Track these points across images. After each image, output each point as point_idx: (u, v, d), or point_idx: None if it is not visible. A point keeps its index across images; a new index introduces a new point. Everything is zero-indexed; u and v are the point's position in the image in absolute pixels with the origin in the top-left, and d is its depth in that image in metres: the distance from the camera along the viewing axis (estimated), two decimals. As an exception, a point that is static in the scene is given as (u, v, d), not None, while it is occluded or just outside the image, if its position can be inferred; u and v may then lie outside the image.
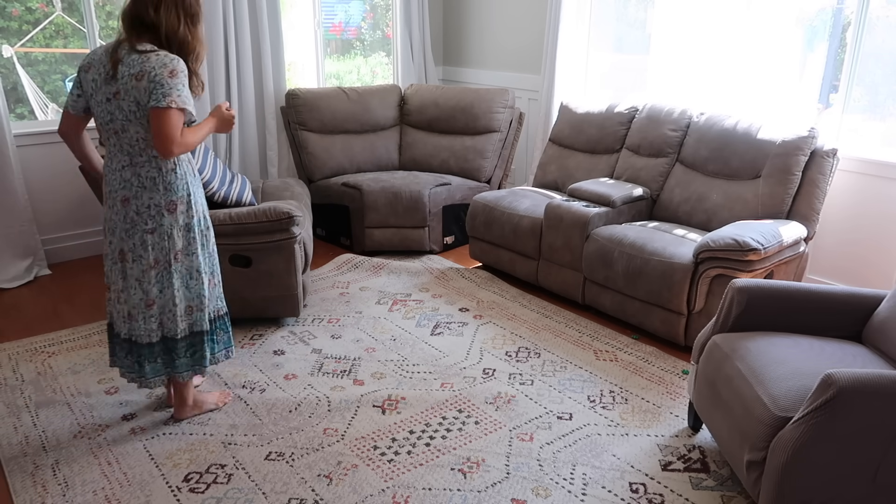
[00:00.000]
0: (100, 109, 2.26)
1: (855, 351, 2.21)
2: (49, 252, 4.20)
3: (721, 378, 2.22)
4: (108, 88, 2.23)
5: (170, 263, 2.37)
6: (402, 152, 4.95)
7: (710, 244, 2.98)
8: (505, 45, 5.30)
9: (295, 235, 3.20)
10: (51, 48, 4.39)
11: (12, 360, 3.10)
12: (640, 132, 3.96)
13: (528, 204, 3.94)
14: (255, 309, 3.32)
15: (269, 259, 3.20)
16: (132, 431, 2.58)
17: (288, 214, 3.14)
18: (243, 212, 3.15)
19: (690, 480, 2.33)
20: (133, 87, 2.18)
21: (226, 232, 3.12)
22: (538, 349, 3.23)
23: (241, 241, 3.16)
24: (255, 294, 3.27)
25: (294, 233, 3.20)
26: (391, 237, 4.39)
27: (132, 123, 2.23)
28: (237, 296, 3.24)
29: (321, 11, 5.12)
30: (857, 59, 3.43)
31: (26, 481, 2.30)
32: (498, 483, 2.31)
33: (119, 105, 2.22)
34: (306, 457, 2.43)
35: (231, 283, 3.17)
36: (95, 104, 2.27)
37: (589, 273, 3.50)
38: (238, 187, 3.54)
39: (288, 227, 3.17)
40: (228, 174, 3.57)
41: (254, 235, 3.16)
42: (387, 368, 3.05)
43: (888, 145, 3.51)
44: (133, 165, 2.29)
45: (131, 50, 2.21)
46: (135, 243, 2.33)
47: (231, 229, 3.13)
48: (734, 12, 3.85)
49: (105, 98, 2.24)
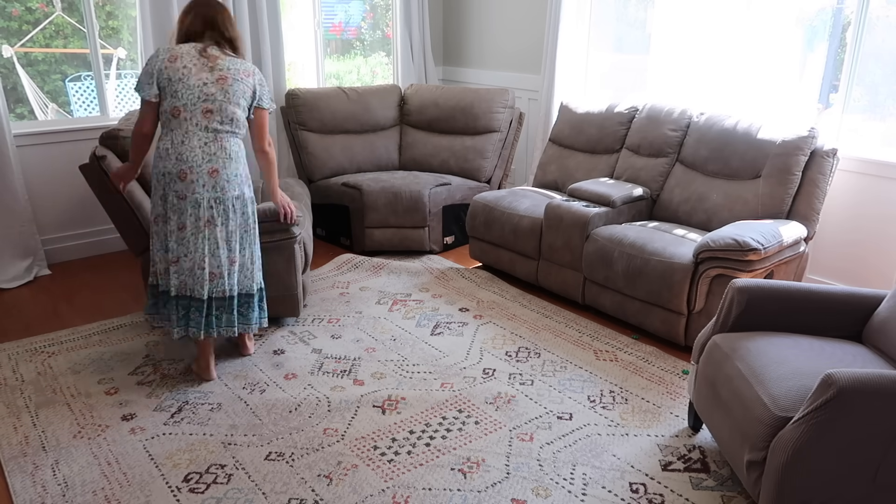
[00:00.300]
0: (188, 92, 2.62)
1: (855, 351, 2.20)
2: (49, 252, 4.20)
3: (721, 378, 2.22)
4: (205, 76, 2.63)
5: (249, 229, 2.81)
6: (402, 152, 4.95)
7: (710, 244, 2.98)
8: (505, 45, 5.30)
9: (295, 235, 3.19)
10: (51, 48, 4.39)
11: (12, 360, 3.10)
12: (640, 132, 3.96)
13: (528, 204, 3.94)
14: None
15: (270, 259, 3.18)
16: (132, 431, 2.58)
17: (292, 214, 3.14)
18: None
19: (690, 480, 2.33)
20: (241, 79, 2.68)
21: None
22: (538, 349, 3.23)
23: None
24: None
25: (294, 233, 3.19)
26: (391, 237, 4.39)
27: (230, 104, 2.66)
28: None
29: (321, 11, 5.12)
30: (857, 59, 3.43)
31: (26, 481, 2.30)
32: (498, 483, 2.31)
33: (223, 89, 2.65)
34: (306, 457, 2.43)
35: None
36: (183, 87, 2.61)
37: (589, 273, 3.50)
38: None
39: (288, 227, 3.17)
40: None
41: None
42: (387, 368, 3.05)
43: (888, 145, 3.51)
44: (218, 140, 2.67)
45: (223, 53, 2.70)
46: (224, 209, 2.70)
47: None
48: (734, 12, 3.85)
49: (202, 82, 2.63)
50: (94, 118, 4.33)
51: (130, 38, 4.51)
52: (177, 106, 2.62)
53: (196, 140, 2.63)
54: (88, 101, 4.67)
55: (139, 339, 3.29)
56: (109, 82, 4.52)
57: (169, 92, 2.62)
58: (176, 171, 2.62)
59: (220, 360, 3.10)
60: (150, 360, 3.10)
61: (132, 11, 4.30)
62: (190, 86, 2.61)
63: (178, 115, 2.62)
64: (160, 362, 3.08)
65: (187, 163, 2.62)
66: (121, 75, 4.66)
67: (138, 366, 3.05)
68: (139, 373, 2.99)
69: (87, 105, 4.67)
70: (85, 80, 4.64)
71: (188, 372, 2.99)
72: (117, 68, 4.61)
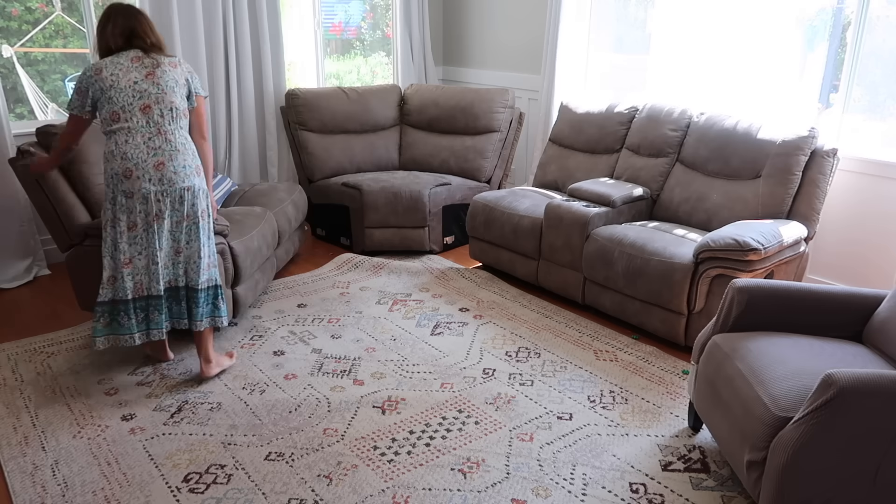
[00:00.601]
0: (121, 95, 2.65)
1: (855, 351, 2.20)
2: (49, 252, 4.20)
3: (721, 378, 2.22)
4: (134, 75, 2.66)
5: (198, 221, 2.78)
6: (402, 152, 4.95)
7: (711, 244, 2.98)
8: (505, 45, 5.30)
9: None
10: (50, 48, 4.39)
11: (12, 360, 3.09)
12: (640, 132, 3.96)
13: (528, 204, 3.94)
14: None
15: None
16: (132, 431, 2.58)
17: None
18: None
19: (691, 480, 2.33)
20: (169, 70, 2.72)
21: None
22: (538, 349, 3.22)
23: None
24: None
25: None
26: (391, 237, 4.39)
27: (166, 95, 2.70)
28: None
29: (321, 11, 5.12)
30: (857, 58, 3.43)
31: (26, 481, 2.30)
32: (498, 483, 2.30)
33: (154, 82, 2.68)
34: (306, 457, 2.43)
35: None
36: (116, 92, 2.64)
37: (589, 273, 3.50)
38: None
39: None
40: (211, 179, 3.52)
41: None
42: (387, 368, 3.05)
43: (888, 145, 3.51)
44: (161, 134, 2.69)
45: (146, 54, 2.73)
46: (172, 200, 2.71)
47: None
48: (734, 12, 3.85)
49: (132, 82, 2.66)
50: (94, 118, 4.33)
51: (130, 38, 4.51)
52: (114, 110, 2.65)
53: (139, 137, 2.66)
54: (88, 101, 4.66)
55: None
56: (109, 82, 4.51)
57: (104, 100, 2.65)
58: (122, 170, 2.64)
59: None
60: (149, 360, 3.09)
61: (132, 11, 4.29)
62: (122, 88, 2.64)
63: (118, 119, 2.65)
64: (160, 362, 3.08)
65: (132, 160, 2.64)
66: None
67: (138, 366, 3.05)
68: (139, 373, 2.99)
69: (86, 105, 4.66)
70: (85, 80, 4.63)
71: (185, 377, 3.00)
72: (117, 68, 4.61)
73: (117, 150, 2.65)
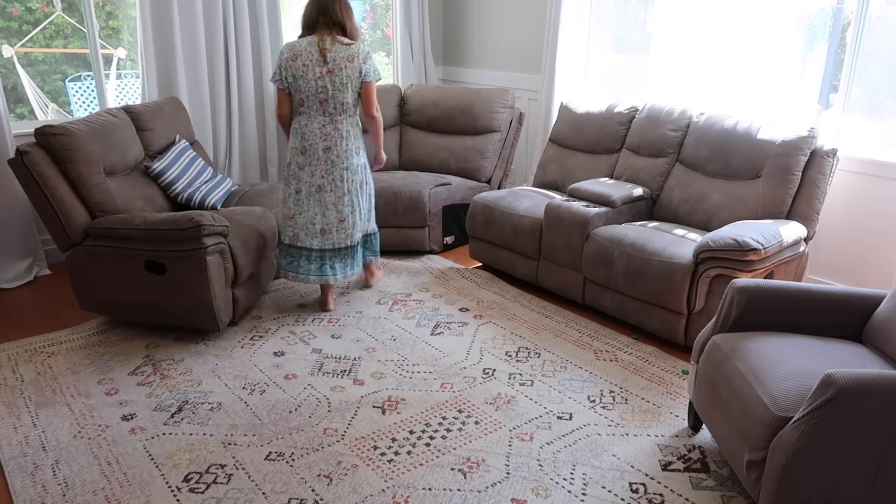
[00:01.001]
0: (307, 87, 3.25)
1: (855, 351, 2.20)
2: (49, 252, 4.20)
3: (721, 378, 2.22)
4: (318, 70, 3.23)
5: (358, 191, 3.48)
6: (402, 152, 4.95)
7: (710, 244, 2.98)
8: (505, 45, 5.30)
9: (204, 246, 3.02)
10: (51, 48, 4.40)
11: (12, 360, 3.10)
12: (640, 132, 3.96)
13: (528, 204, 3.94)
14: (175, 317, 3.21)
15: (182, 268, 3.07)
16: (132, 431, 2.58)
17: (196, 223, 2.98)
18: (156, 218, 3.08)
19: (690, 480, 2.33)
20: (346, 66, 3.25)
21: (137, 237, 3.07)
22: (538, 349, 3.23)
23: (152, 246, 3.06)
24: (171, 300, 3.15)
25: (204, 243, 3.02)
26: (391, 237, 4.39)
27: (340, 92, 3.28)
28: (154, 301, 3.17)
29: (321, 11, 5.11)
30: (857, 59, 3.43)
31: (26, 481, 2.30)
32: (498, 483, 2.31)
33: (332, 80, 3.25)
34: (306, 457, 2.43)
35: (147, 289, 3.14)
36: (304, 83, 3.24)
37: (589, 273, 3.50)
38: (207, 189, 3.48)
39: (197, 237, 3.01)
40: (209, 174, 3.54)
41: (164, 242, 3.05)
42: (387, 368, 3.05)
43: (888, 145, 3.51)
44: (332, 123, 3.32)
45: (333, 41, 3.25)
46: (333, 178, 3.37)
47: (142, 234, 3.06)
48: (734, 12, 3.85)
49: (317, 76, 3.23)
50: (94, 118, 4.33)
51: (130, 38, 4.52)
52: (301, 98, 3.29)
53: (316, 123, 3.31)
54: (88, 101, 4.67)
55: (139, 340, 3.29)
56: (109, 82, 4.52)
57: (294, 87, 3.28)
58: (300, 147, 3.32)
59: (219, 360, 3.10)
60: (149, 360, 3.10)
61: (132, 11, 4.30)
62: (308, 80, 3.24)
63: (303, 105, 3.30)
64: (160, 362, 3.08)
65: (308, 140, 3.31)
66: (121, 75, 4.67)
67: (138, 366, 3.05)
68: (139, 373, 2.99)
69: (87, 105, 4.67)
70: (85, 80, 4.64)
71: None
72: (117, 68, 4.62)
73: (299, 129, 3.32)
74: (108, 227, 3.12)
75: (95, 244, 3.15)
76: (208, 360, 3.11)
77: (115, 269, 3.15)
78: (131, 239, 3.08)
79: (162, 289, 3.13)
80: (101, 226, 3.13)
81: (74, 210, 3.14)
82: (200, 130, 4.52)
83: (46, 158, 3.11)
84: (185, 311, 3.18)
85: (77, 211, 3.15)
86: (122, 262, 3.13)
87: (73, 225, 3.13)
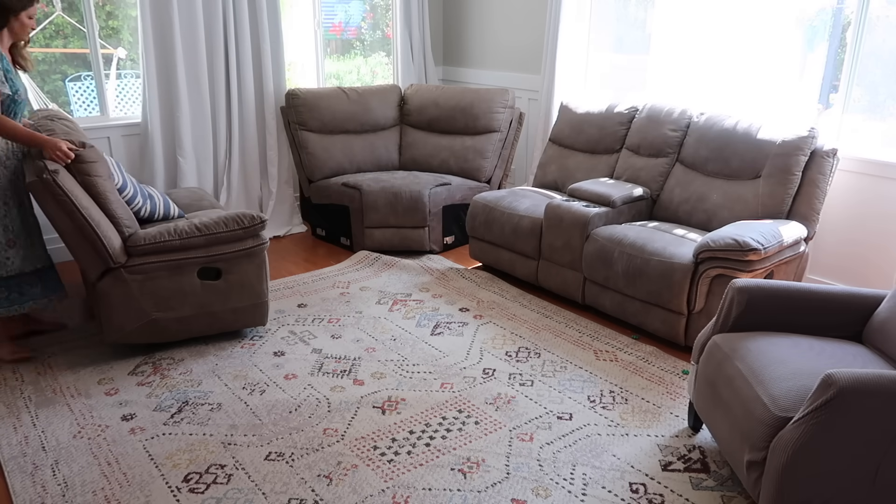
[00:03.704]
0: None
1: (855, 351, 2.20)
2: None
3: (721, 378, 2.22)
4: None
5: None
6: (402, 152, 4.95)
7: (711, 244, 2.98)
8: (505, 45, 5.30)
9: (265, 241, 3.13)
10: (51, 48, 4.39)
11: (12, 360, 3.10)
12: (640, 132, 3.96)
13: (528, 204, 3.94)
14: (224, 323, 3.17)
15: (240, 268, 3.08)
16: (132, 431, 2.58)
17: (260, 219, 3.07)
18: (210, 221, 3.03)
19: (690, 480, 2.33)
20: None
21: (195, 244, 2.99)
22: (538, 349, 3.23)
23: (211, 251, 3.02)
24: (226, 306, 3.12)
25: (264, 238, 3.12)
26: (391, 237, 4.39)
27: None
28: (206, 311, 3.09)
29: (321, 11, 5.12)
30: (857, 59, 3.43)
31: (26, 481, 2.30)
32: (498, 483, 2.31)
33: None
34: (306, 457, 2.43)
35: (201, 299, 3.06)
36: None
37: (589, 273, 3.50)
38: (161, 201, 3.34)
39: (258, 233, 3.09)
40: (144, 189, 3.33)
41: (225, 244, 3.04)
42: (387, 368, 3.05)
43: (888, 145, 3.51)
44: None
45: None
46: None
47: (202, 241, 2.99)
48: (734, 12, 3.85)
49: None
50: (95, 118, 4.33)
51: (130, 38, 4.51)
52: None
53: None
54: (88, 101, 4.67)
55: (139, 339, 3.29)
56: (109, 82, 4.52)
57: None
58: None
59: (219, 360, 3.10)
60: (149, 360, 3.10)
61: (132, 11, 4.30)
62: None
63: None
64: (160, 362, 3.08)
65: None
66: (121, 75, 4.67)
67: (138, 365, 3.05)
68: (139, 373, 2.99)
69: (87, 105, 4.67)
70: (85, 80, 4.64)
71: (185, 373, 3.00)
72: (117, 68, 4.61)
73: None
74: (158, 241, 2.94)
75: (142, 262, 2.93)
76: (208, 360, 3.10)
77: (165, 285, 2.99)
78: (188, 248, 2.98)
79: (217, 295, 3.08)
80: (150, 241, 2.93)
81: (110, 230, 2.89)
82: (200, 130, 4.52)
83: (69, 175, 2.84)
84: (238, 313, 3.16)
85: (112, 231, 2.89)
86: (173, 276, 2.99)
87: (114, 247, 2.87)
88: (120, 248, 2.89)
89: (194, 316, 3.08)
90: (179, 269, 3.00)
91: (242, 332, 3.36)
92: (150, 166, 4.42)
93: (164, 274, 2.98)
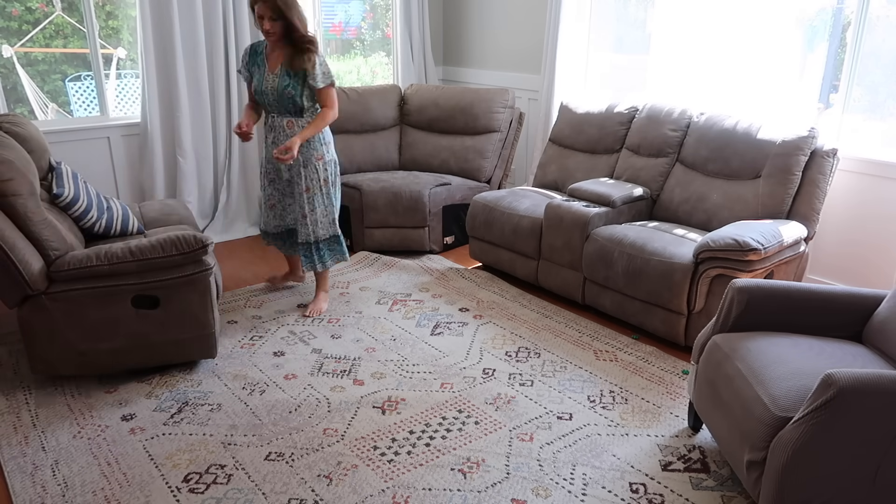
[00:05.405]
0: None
1: (855, 351, 2.20)
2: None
3: (721, 378, 2.22)
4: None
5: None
6: (402, 152, 4.95)
7: (711, 244, 2.98)
8: (505, 45, 5.30)
9: (209, 267, 2.82)
10: (51, 48, 4.40)
11: (12, 358, 3.09)
12: (640, 132, 3.96)
13: (528, 204, 3.94)
14: (163, 355, 2.89)
15: (180, 296, 2.79)
16: (132, 431, 2.58)
17: (201, 242, 2.75)
18: (145, 244, 2.74)
19: (690, 480, 2.33)
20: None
21: (127, 270, 2.70)
22: (538, 349, 3.23)
23: (145, 279, 2.73)
24: (165, 337, 2.83)
25: (208, 263, 2.81)
26: (391, 237, 4.39)
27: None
28: (142, 342, 2.80)
29: (321, 11, 5.12)
30: (857, 59, 3.43)
31: (26, 481, 2.30)
32: (498, 483, 2.30)
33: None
34: (306, 457, 2.43)
35: (135, 329, 2.77)
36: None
37: (589, 273, 3.50)
38: (120, 215, 3.20)
39: (201, 258, 2.78)
40: (104, 201, 3.20)
41: (161, 271, 2.74)
42: (387, 368, 3.05)
43: (888, 145, 3.51)
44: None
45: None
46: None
47: (133, 266, 2.70)
48: (734, 12, 3.85)
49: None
50: (95, 118, 4.33)
51: (130, 38, 4.51)
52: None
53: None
54: (88, 101, 4.67)
55: (139, 339, 3.29)
56: (109, 82, 4.53)
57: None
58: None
59: (219, 360, 3.10)
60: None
61: (132, 11, 4.30)
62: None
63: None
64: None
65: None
66: (121, 75, 4.67)
67: (138, 366, 3.05)
68: (139, 373, 2.99)
69: (87, 105, 4.67)
70: (85, 80, 4.64)
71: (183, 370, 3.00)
72: (117, 68, 4.62)
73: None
74: (84, 265, 2.65)
75: (66, 289, 2.66)
76: (208, 360, 3.10)
77: (94, 314, 2.70)
78: (119, 275, 2.69)
79: (154, 325, 2.79)
80: (74, 266, 2.65)
81: (29, 254, 2.59)
82: (200, 130, 4.52)
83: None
84: (180, 345, 2.88)
85: (32, 254, 2.61)
86: (102, 305, 2.71)
87: (32, 272, 2.58)
88: (40, 273, 2.61)
89: (128, 348, 2.79)
90: (110, 296, 2.70)
91: (243, 331, 3.36)
92: (150, 166, 4.42)
93: (92, 302, 2.69)
